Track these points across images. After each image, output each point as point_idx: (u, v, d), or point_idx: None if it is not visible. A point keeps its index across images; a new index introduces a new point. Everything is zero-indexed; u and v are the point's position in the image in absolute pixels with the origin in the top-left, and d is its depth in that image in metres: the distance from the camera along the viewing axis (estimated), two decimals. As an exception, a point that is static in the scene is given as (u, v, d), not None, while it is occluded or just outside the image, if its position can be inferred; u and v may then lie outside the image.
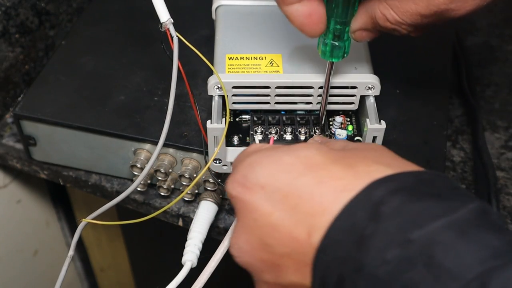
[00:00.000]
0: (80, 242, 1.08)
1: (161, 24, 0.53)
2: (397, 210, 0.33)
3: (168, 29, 0.53)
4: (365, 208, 0.34)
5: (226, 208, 0.65)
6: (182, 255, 0.56)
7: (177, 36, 0.53)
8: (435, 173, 0.36)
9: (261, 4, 0.63)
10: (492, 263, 0.30)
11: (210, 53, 0.59)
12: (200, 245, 0.57)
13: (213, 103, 0.56)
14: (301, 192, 0.36)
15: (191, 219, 0.61)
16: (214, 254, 0.51)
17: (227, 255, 0.50)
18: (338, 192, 0.35)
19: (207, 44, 0.66)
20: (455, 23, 0.80)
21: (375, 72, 0.57)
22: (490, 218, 0.33)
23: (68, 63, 0.69)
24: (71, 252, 0.57)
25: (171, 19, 0.52)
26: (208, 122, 0.54)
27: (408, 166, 0.38)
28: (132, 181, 0.65)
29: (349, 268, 0.33)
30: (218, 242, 0.51)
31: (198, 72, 0.66)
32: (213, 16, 0.65)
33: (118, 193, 0.68)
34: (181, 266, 0.55)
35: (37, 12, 0.77)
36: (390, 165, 0.37)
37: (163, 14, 0.53)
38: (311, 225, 0.35)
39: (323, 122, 0.57)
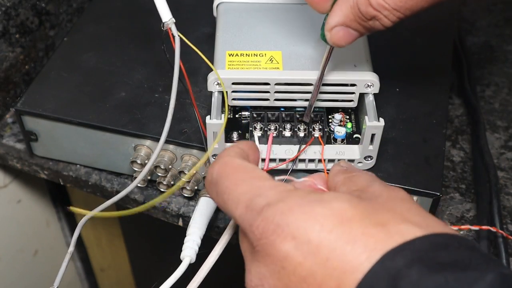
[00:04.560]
0: (80, 242, 1.08)
1: (163, 23, 0.53)
2: (416, 285, 0.32)
3: (170, 28, 0.53)
4: (383, 281, 0.33)
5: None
6: (182, 253, 0.57)
7: (179, 36, 0.53)
8: (448, 234, 0.36)
9: (262, 1, 0.64)
10: None
11: (211, 50, 0.59)
12: (199, 241, 0.57)
13: (212, 99, 0.56)
14: (334, 246, 0.36)
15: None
16: (213, 249, 0.51)
17: (226, 251, 0.50)
18: (370, 250, 0.35)
19: (208, 41, 0.66)
20: (456, 23, 0.80)
21: (375, 70, 0.57)
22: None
23: (69, 60, 0.69)
24: (71, 248, 0.57)
25: (173, 19, 0.52)
26: (208, 118, 0.54)
27: (432, 223, 0.37)
28: (132, 177, 0.65)
29: None
30: (217, 239, 0.51)
31: (198, 69, 0.67)
32: (214, 13, 0.65)
33: (118, 193, 0.67)
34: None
35: (37, 12, 0.78)
36: (418, 224, 0.37)
37: (165, 14, 0.53)
38: (341, 280, 0.35)
39: (309, 116, 0.57)
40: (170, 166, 0.63)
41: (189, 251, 0.56)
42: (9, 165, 0.74)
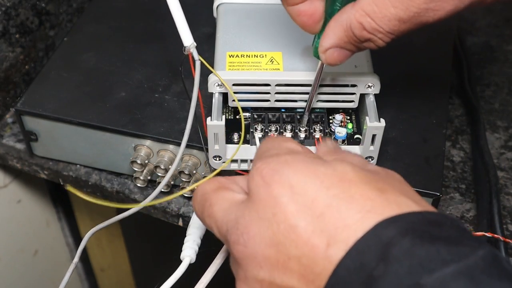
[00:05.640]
0: (80, 242, 1.08)
1: (184, 47, 0.53)
2: (408, 252, 0.32)
3: (191, 52, 0.53)
4: (375, 248, 0.33)
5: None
6: (182, 253, 0.56)
7: (199, 60, 0.53)
8: (442, 214, 0.36)
9: (262, 2, 0.64)
10: None
11: (211, 50, 0.59)
12: (199, 241, 0.57)
13: (213, 100, 0.56)
14: (330, 202, 0.36)
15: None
16: (219, 252, 0.51)
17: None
18: (366, 212, 0.35)
19: (208, 41, 0.66)
20: (456, 23, 0.80)
21: (375, 70, 0.57)
22: (501, 265, 0.32)
23: (69, 60, 0.69)
24: (76, 259, 0.57)
25: (195, 43, 0.52)
26: (208, 119, 0.54)
27: (426, 204, 0.38)
28: (132, 177, 0.65)
29: None
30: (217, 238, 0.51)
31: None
32: (214, 14, 0.65)
33: (118, 193, 0.68)
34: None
35: (37, 12, 0.77)
36: (415, 201, 0.37)
37: (187, 38, 0.53)
38: (332, 236, 0.35)
39: (306, 122, 0.57)
40: (170, 166, 0.63)
41: (189, 251, 0.56)
42: (9, 165, 0.74)
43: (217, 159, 0.56)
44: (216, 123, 0.54)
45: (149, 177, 0.64)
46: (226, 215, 0.41)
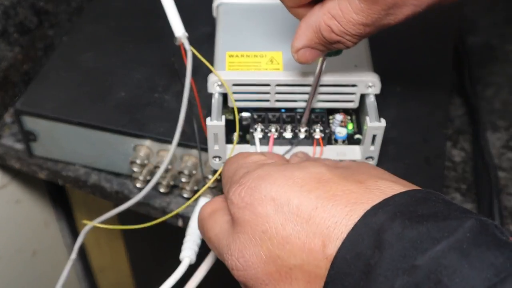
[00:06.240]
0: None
1: (176, 38, 0.53)
2: (399, 236, 0.33)
3: (183, 43, 0.52)
4: (367, 236, 0.34)
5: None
6: (181, 254, 0.56)
7: (191, 50, 0.52)
8: (426, 190, 0.37)
9: (262, 2, 0.63)
10: (495, 280, 0.30)
11: (210, 50, 0.59)
12: (199, 241, 0.57)
13: (213, 100, 0.56)
14: (315, 205, 0.37)
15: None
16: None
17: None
18: (352, 204, 0.36)
19: (208, 41, 0.66)
20: (457, 23, 0.80)
21: (376, 70, 0.57)
22: (488, 233, 0.33)
23: (69, 59, 0.69)
24: (73, 255, 0.57)
25: (186, 33, 0.52)
26: (208, 119, 0.54)
27: (406, 182, 0.39)
28: (131, 177, 0.65)
29: None
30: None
31: (198, 68, 0.65)
32: (214, 14, 0.65)
33: (118, 193, 0.67)
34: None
35: (36, 12, 0.77)
36: (394, 181, 0.38)
37: (178, 28, 0.52)
38: (326, 236, 0.36)
39: (306, 122, 0.57)
40: (169, 167, 0.62)
41: (188, 251, 0.56)
42: (8, 165, 0.74)
43: (217, 159, 0.56)
44: (216, 124, 0.53)
45: (148, 178, 0.64)
46: (218, 241, 0.42)
